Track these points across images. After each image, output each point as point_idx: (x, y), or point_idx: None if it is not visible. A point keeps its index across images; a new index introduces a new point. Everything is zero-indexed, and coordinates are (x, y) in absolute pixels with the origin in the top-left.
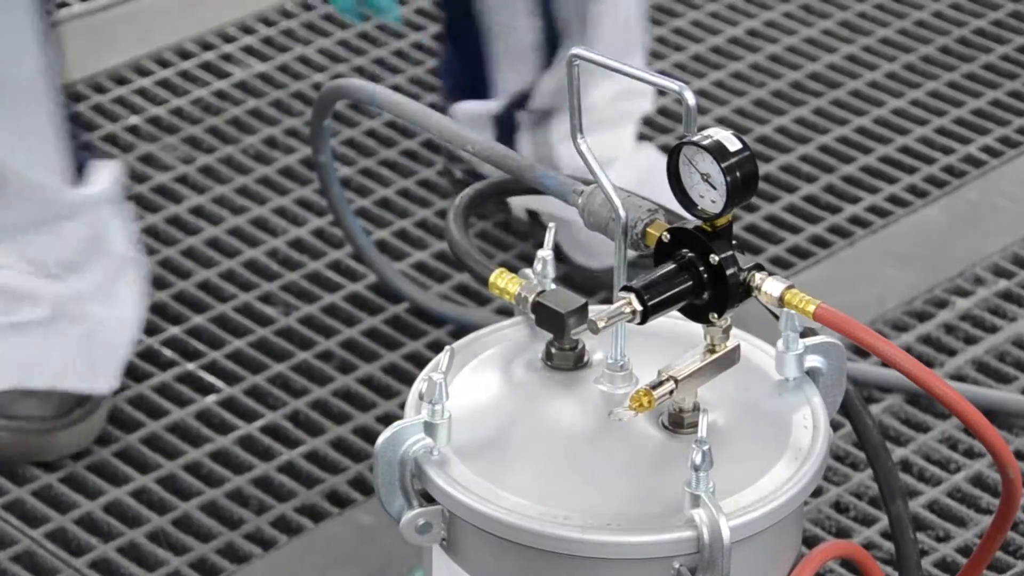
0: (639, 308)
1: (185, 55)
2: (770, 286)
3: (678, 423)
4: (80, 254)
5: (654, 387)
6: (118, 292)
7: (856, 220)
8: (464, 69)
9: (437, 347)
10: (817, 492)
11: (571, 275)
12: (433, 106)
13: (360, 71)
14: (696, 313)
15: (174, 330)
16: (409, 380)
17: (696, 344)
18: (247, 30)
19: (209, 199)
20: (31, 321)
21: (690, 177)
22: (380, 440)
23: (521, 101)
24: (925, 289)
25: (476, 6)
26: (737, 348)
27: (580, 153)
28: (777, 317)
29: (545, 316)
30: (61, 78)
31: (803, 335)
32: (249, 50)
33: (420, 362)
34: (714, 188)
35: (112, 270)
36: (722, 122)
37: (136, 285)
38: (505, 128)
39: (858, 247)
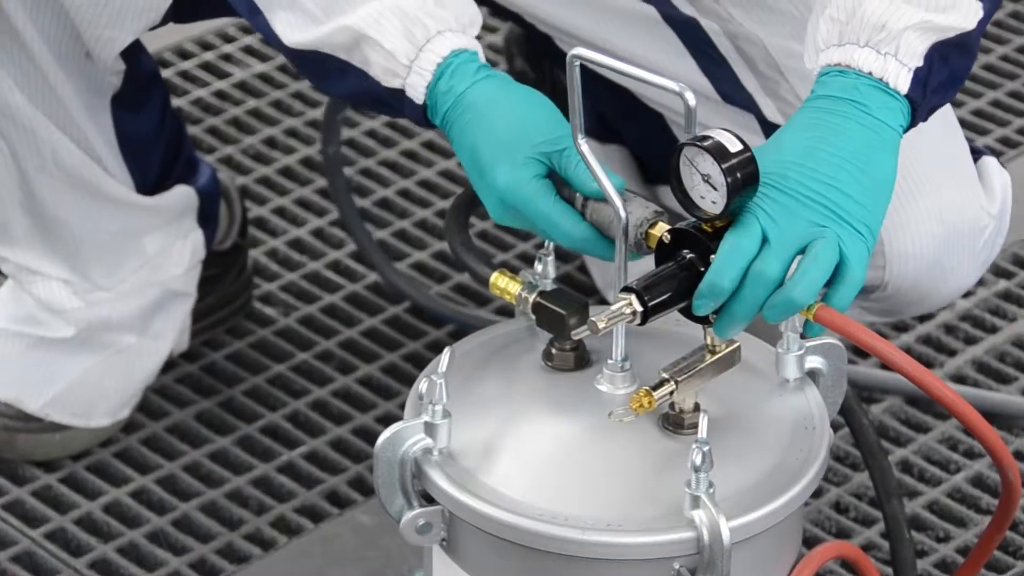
0: (639, 309)
1: (185, 55)
2: None
3: (678, 424)
4: (128, 274)
5: (655, 388)
6: (154, 322)
7: None
8: None
9: (437, 347)
10: (817, 492)
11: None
12: None
13: None
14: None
15: None
16: (409, 380)
17: (697, 345)
18: (247, 30)
19: None
20: (52, 340)
21: (691, 178)
22: (380, 440)
23: None
24: None
25: None
26: (737, 349)
27: (580, 153)
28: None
29: (546, 317)
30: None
31: (803, 336)
32: (249, 50)
33: (420, 362)
34: (715, 189)
35: (156, 299)
36: None
37: (177, 319)
38: None
39: None
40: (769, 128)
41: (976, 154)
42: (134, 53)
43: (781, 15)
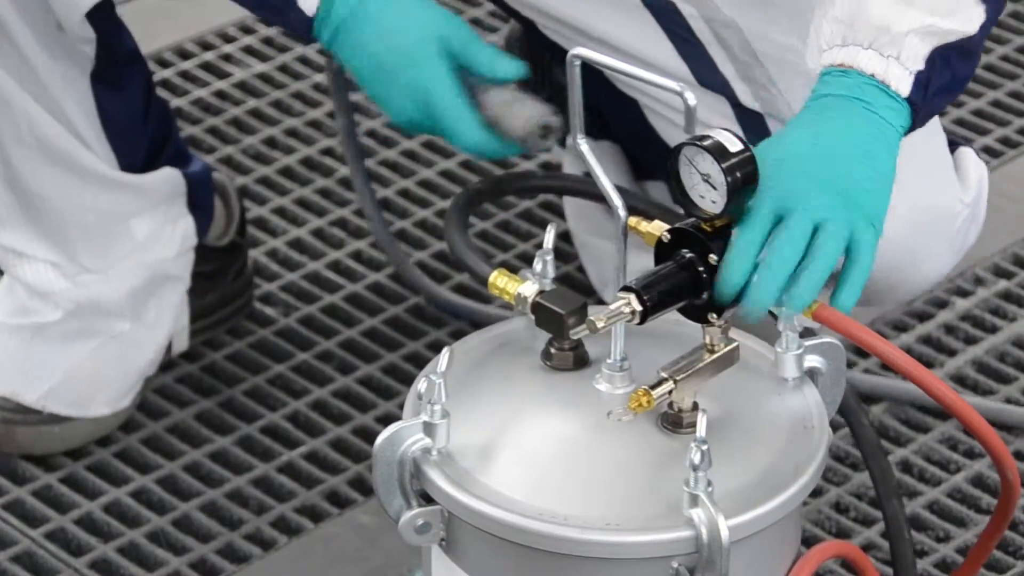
0: (638, 308)
1: (185, 55)
2: None
3: (677, 423)
4: (117, 258)
5: (653, 387)
6: (148, 308)
7: None
8: None
9: (437, 347)
10: (817, 492)
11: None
12: None
13: None
14: (695, 313)
15: None
16: (409, 380)
17: (695, 344)
18: (247, 30)
19: None
20: (45, 328)
21: (690, 177)
22: (379, 440)
23: None
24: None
25: None
26: (736, 348)
27: (580, 153)
28: (776, 317)
29: (545, 316)
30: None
31: (802, 335)
32: (249, 50)
33: (420, 362)
34: (714, 188)
35: (147, 282)
36: None
37: (171, 304)
38: None
39: None
40: (742, 112)
41: (953, 146)
42: (106, 23)
43: (759, 0)
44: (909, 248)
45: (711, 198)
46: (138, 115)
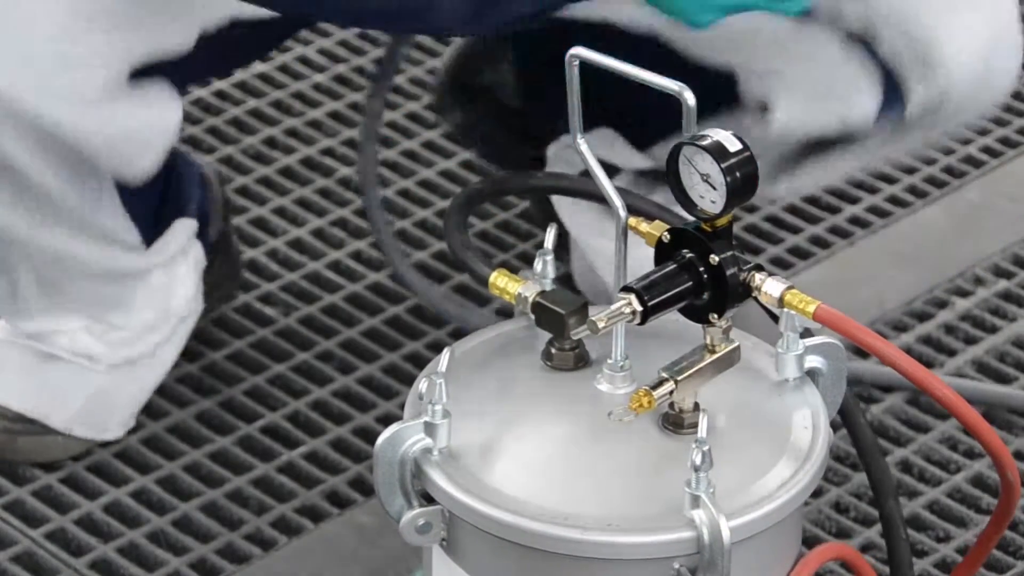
0: (639, 308)
1: None
2: (770, 286)
3: (678, 423)
4: (140, 308)
5: (654, 387)
6: (166, 348)
7: (856, 220)
8: None
9: (437, 347)
10: (817, 492)
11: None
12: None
13: (360, 71)
14: (696, 313)
15: None
16: (409, 380)
17: (696, 344)
18: None
19: None
20: (84, 368)
21: (690, 177)
22: (380, 440)
23: None
24: (925, 289)
25: None
26: (737, 349)
27: (579, 153)
28: (776, 318)
29: (545, 316)
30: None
31: (803, 335)
32: None
33: (420, 362)
34: (714, 188)
35: (169, 331)
36: None
37: (185, 334)
38: None
39: (858, 247)
40: None
41: None
42: None
43: None
44: (987, 62)
45: (711, 198)
46: (155, 178)
